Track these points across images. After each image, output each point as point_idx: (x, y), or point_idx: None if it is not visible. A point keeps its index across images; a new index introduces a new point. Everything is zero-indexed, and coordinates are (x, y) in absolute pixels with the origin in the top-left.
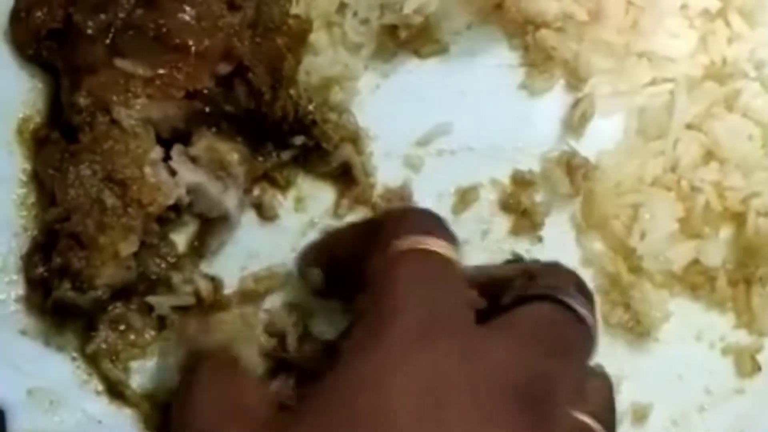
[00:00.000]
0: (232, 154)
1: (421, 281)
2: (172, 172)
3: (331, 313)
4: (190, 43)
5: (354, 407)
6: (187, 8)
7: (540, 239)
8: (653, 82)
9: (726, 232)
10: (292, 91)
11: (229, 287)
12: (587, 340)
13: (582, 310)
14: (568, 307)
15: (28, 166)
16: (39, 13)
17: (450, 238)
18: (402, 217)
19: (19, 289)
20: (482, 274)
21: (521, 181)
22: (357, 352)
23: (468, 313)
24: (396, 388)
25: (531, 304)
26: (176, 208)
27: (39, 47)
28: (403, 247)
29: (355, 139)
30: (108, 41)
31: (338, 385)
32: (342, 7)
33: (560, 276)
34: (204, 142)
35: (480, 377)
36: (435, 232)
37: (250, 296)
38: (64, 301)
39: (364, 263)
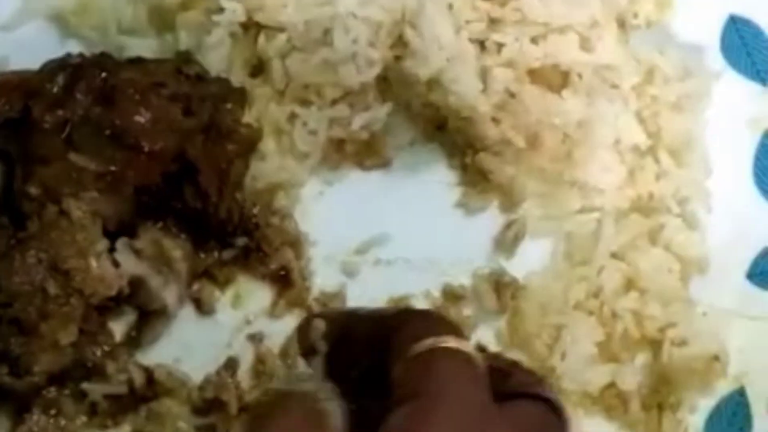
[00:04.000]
0: (176, 250)
1: (455, 374)
2: (116, 264)
3: None
4: (144, 143)
5: None
6: (143, 111)
7: None
8: (582, 210)
9: (642, 358)
10: (238, 195)
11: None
12: None
13: (565, 412)
14: (553, 407)
15: None
16: None
17: (465, 337)
18: (424, 319)
19: None
20: None
21: (452, 295)
22: None
23: (491, 402)
24: None
25: (522, 400)
26: (116, 298)
27: None
28: (431, 346)
29: (295, 243)
30: (64, 135)
31: None
32: (292, 117)
33: (528, 375)
34: (149, 236)
35: None
36: (454, 333)
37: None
38: (2, 385)
39: (386, 362)
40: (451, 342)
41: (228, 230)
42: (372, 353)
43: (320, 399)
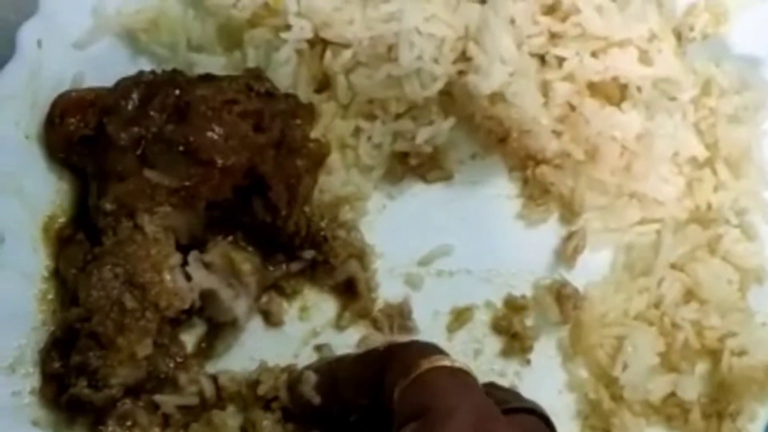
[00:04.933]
0: (246, 263)
1: (460, 387)
2: (188, 277)
3: None
4: (217, 159)
5: None
6: (216, 127)
7: (528, 362)
8: (642, 222)
9: (702, 367)
10: (306, 208)
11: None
12: None
13: (551, 421)
14: (539, 415)
15: (50, 264)
16: (72, 120)
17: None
18: (414, 346)
19: (34, 382)
20: None
21: (514, 306)
22: None
23: (498, 411)
24: None
25: (516, 414)
26: (188, 311)
27: (70, 151)
28: (429, 366)
29: (361, 255)
30: (138, 152)
31: None
32: (357, 132)
33: (508, 392)
34: (219, 250)
35: None
36: (442, 353)
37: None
38: (80, 397)
39: (383, 399)
40: (443, 360)
41: (296, 243)
42: (366, 395)
43: None
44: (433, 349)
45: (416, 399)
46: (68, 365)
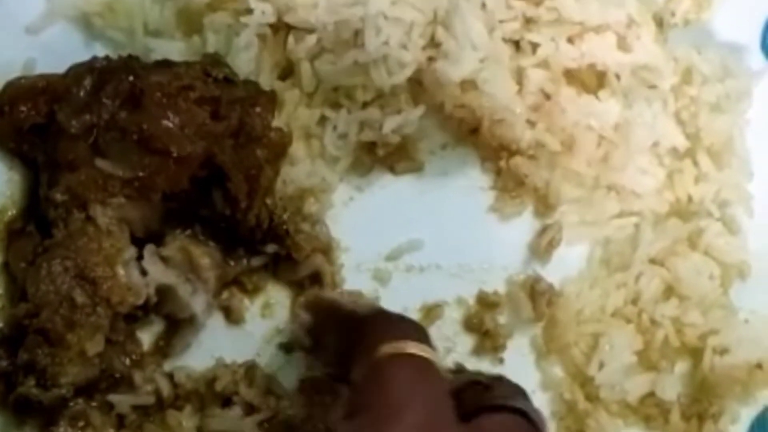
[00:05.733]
0: (204, 258)
1: (414, 383)
2: (143, 272)
3: None
4: (172, 148)
5: None
6: (171, 115)
7: (501, 361)
8: (620, 215)
9: (682, 366)
10: (268, 201)
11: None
12: None
13: (541, 422)
14: (526, 417)
15: None
16: (23, 108)
17: (429, 343)
18: (386, 323)
19: None
20: None
21: (486, 302)
22: None
23: (453, 414)
24: None
25: (495, 413)
26: (144, 307)
27: (20, 140)
28: (391, 351)
29: (326, 250)
30: (90, 141)
31: None
32: (322, 121)
33: (509, 388)
34: (177, 244)
35: None
36: (418, 338)
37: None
38: (28, 397)
39: (349, 359)
40: (408, 347)
41: (257, 237)
42: (343, 365)
43: None
44: (402, 330)
45: (368, 388)
46: (16, 363)
